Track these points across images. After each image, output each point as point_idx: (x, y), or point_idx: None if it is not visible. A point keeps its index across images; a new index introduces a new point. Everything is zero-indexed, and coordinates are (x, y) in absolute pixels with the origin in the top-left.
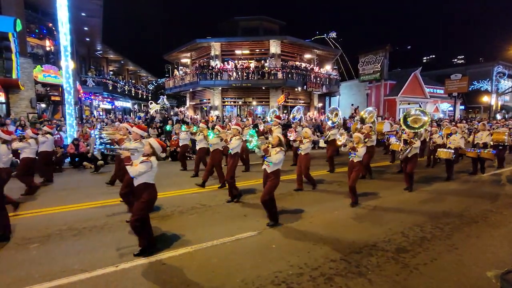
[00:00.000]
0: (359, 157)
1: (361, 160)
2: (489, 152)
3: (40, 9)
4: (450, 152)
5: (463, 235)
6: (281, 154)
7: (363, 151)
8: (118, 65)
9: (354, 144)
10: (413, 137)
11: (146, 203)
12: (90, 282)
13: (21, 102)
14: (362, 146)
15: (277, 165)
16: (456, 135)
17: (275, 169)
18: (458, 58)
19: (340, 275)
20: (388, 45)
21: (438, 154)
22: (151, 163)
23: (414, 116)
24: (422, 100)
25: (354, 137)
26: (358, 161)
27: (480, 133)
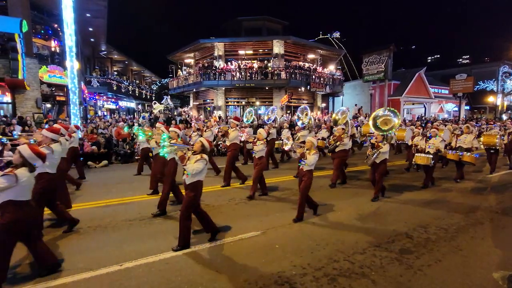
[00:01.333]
0: (308, 165)
1: (312, 169)
2: (471, 156)
3: (45, 10)
4: (428, 158)
5: (468, 236)
6: (201, 164)
7: (314, 160)
8: (122, 65)
9: (305, 150)
10: (381, 141)
11: None
12: (94, 280)
13: (26, 102)
14: (313, 153)
15: (197, 176)
16: (435, 138)
17: (194, 180)
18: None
19: (344, 276)
20: (392, 45)
21: (415, 160)
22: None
23: (384, 117)
24: (426, 100)
25: (306, 141)
26: (308, 170)
27: (463, 136)
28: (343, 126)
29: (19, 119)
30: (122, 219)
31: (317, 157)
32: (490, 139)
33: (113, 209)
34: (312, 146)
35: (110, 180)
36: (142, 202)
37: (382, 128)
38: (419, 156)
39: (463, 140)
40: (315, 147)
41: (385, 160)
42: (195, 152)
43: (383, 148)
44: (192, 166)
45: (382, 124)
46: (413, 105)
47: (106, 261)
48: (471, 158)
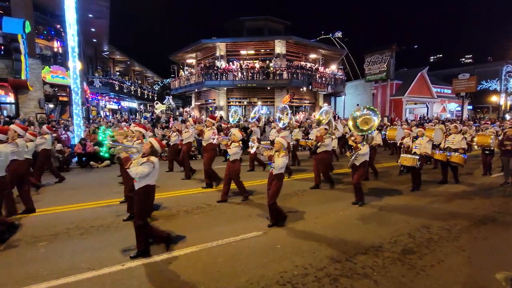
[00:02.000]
0: (278, 169)
1: (282, 173)
2: (459, 156)
3: (48, 11)
4: (415, 159)
5: (471, 236)
6: (147, 167)
7: (283, 163)
8: (125, 65)
9: (273, 153)
10: (360, 142)
11: None
12: (96, 280)
13: (29, 103)
14: (283, 156)
15: (144, 180)
16: (422, 139)
17: (142, 185)
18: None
19: (346, 276)
20: (395, 44)
21: (401, 161)
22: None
23: (364, 116)
24: (429, 100)
25: (275, 143)
26: (277, 173)
27: (452, 136)
28: (325, 126)
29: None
30: (124, 219)
31: (286, 159)
32: (484, 139)
33: (115, 209)
34: (281, 148)
35: (112, 180)
36: None
37: (362, 128)
38: (404, 157)
39: (451, 140)
40: (284, 148)
41: (365, 162)
42: (144, 154)
43: (362, 149)
44: (136, 169)
45: (363, 124)
46: (415, 105)
47: (108, 261)
48: (459, 159)
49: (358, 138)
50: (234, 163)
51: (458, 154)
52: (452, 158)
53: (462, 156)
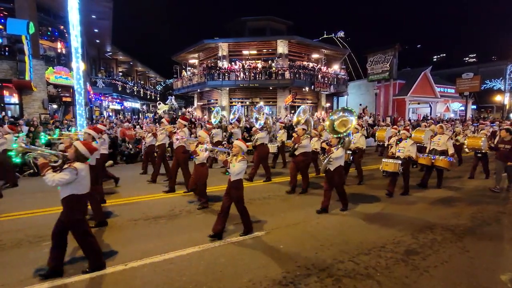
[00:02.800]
0: (235, 175)
1: (241, 179)
2: (445, 160)
3: (52, 12)
4: (397, 164)
5: (475, 237)
6: (67, 174)
7: (240, 168)
8: (127, 66)
9: (228, 157)
10: (335, 145)
11: None
12: (99, 280)
13: (33, 103)
14: (240, 160)
15: (68, 189)
16: (406, 141)
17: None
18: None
19: (349, 277)
20: (398, 44)
21: (383, 166)
22: (75, 170)
23: (341, 118)
24: (432, 100)
25: (234, 146)
26: (236, 180)
27: (437, 137)
28: (303, 126)
29: None
30: (127, 218)
31: (244, 165)
32: (475, 141)
33: (118, 209)
34: (239, 152)
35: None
36: (147, 202)
37: (338, 131)
38: (386, 162)
39: (437, 141)
40: (243, 152)
41: (340, 167)
42: (68, 160)
43: (335, 153)
44: (54, 176)
45: (340, 126)
46: (418, 105)
47: (111, 261)
48: (444, 163)
49: (333, 141)
50: (202, 166)
51: (443, 158)
52: (436, 162)
53: (448, 160)
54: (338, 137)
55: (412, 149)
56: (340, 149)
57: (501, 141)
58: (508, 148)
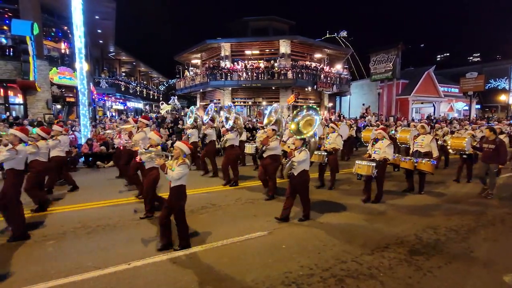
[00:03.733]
0: (175, 180)
1: (183, 185)
2: (428, 163)
3: (55, 13)
4: (370, 167)
5: (480, 238)
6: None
7: (179, 173)
8: (130, 66)
9: (167, 160)
10: (299, 147)
11: None
12: (103, 279)
13: (37, 103)
14: (180, 164)
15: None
16: (382, 142)
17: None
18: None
19: (352, 277)
20: (401, 43)
21: (356, 169)
22: None
23: (306, 118)
24: (436, 100)
25: (174, 148)
26: (176, 185)
27: (420, 138)
28: (274, 127)
29: None
30: (130, 218)
31: (185, 169)
32: (458, 142)
33: (121, 208)
34: (180, 155)
35: (118, 180)
36: None
37: (302, 131)
38: (359, 164)
39: (420, 142)
40: (184, 155)
41: (304, 172)
42: None
43: (297, 156)
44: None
45: (307, 127)
46: (422, 104)
47: (114, 260)
48: (427, 166)
49: (297, 143)
50: (151, 171)
51: (426, 161)
52: (419, 166)
53: (431, 163)
54: (302, 138)
55: (389, 150)
56: (304, 152)
57: (485, 141)
58: (491, 148)
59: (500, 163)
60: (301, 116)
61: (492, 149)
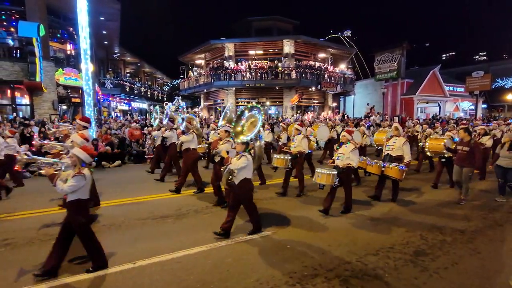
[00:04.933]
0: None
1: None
2: (395, 169)
3: (61, 15)
4: (330, 176)
5: (486, 239)
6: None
7: (71, 186)
8: (135, 67)
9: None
10: (241, 152)
11: None
12: (108, 278)
13: (44, 104)
14: (74, 175)
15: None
16: (346, 146)
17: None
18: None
19: (356, 277)
20: (406, 42)
21: (315, 178)
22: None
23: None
24: (441, 99)
25: (70, 155)
26: (73, 200)
27: (392, 141)
28: (227, 128)
29: None
30: (135, 218)
31: (79, 181)
32: (436, 144)
33: (126, 208)
34: (77, 164)
35: (123, 180)
36: (155, 201)
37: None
38: (319, 172)
39: (391, 145)
40: (83, 164)
41: (246, 180)
42: None
43: (235, 163)
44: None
45: (251, 128)
46: (427, 104)
47: (120, 259)
48: (395, 172)
49: (238, 147)
50: None
51: (394, 166)
52: (386, 171)
53: (399, 168)
54: (244, 142)
55: (353, 156)
56: (244, 158)
57: (459, 143)
58: (466, 151)
59: (475, 167)
60: (245, 118)
61: (467, 152)
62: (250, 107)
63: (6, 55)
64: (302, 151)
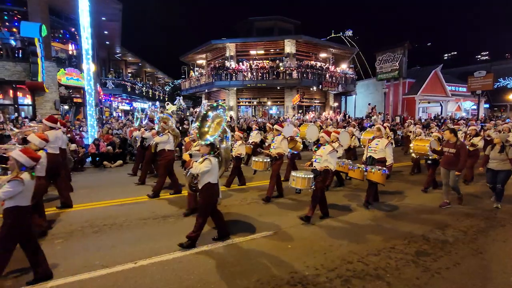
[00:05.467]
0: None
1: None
2: (378, 173)
3: (63, 15)
4: (305, 179)
5: (489, 239)
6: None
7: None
8: (136, 67)
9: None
10: (205, 154)
11: None
12: (110, 277)
13: (46, 104)
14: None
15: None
16: (324, 148)
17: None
18: (482, 55)
19: (358, 277)
20: (407, 42)
21: (291, 183)
22: None
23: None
24: (443, 99)
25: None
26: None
27: (374, 142)
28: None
29: None
30: (136, 217)
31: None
32: (421, 145)
33: (128, 208)
34: (15, 167)
35: (124, 180)
36: (156, 201)
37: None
38: (294, 176)
39: (374, 147)
40: (23, 168)
41: (210, 185)
42: None
43: (196, 167)
44: None
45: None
46: (429, 104)
47: (121, 259)
48: (377, 177)
49: (203, 149)
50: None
51: (376, 170)
52: (368, 176)
53: (382, 173)
54: (208, 144)
55: (331, 158)
56: (207, 161)
57: (445, 144)
58: (452, 152)
59: (458, 169)
60: (211, 119)
61: (453, 154)
62: (215, 106)
63: (9, 56)
64: (281, 153)
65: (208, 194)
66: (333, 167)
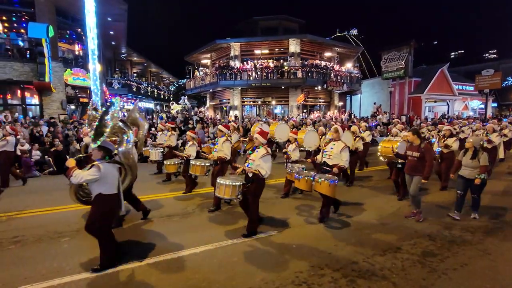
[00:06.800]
0: None
1: None
2: (325, 184)
3: (70, 16)
4: (230, 187)
5: (497, 239)
6: None
7: None
8: (142, 67)
9: None
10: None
11: None
12: (116, 275)
13: (52, 104)
14: None
15: None
16: (257, 151)
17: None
18: (490, 53)
19: (363, 278)
20: (413, 40)
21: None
22: None
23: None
24: (450, 98)
25: None
26: None
27: (329, 146)
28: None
29: None
30: (140, 216)
31: None
32: (388, 147)
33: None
34: None
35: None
36: (160, 200)
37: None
38: (219, 183)
39: (329, 151)
40: None
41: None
42: None
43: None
44: None
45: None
46: (435, 103)
47: (127, 257)
48: (324, 188)
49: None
50: None
51: (323, 180)
52: (316, 187)
53: (329, 183)
54: (101, 147)
55: (264, 162)
56: (94, 168)
57: (409, 147)
58: (416, 157)
59: (424, 176)
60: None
61: (417, 158)
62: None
63: (17, 56)
64: (222, 157)
65: (99, 206)
66: (264, 172)
